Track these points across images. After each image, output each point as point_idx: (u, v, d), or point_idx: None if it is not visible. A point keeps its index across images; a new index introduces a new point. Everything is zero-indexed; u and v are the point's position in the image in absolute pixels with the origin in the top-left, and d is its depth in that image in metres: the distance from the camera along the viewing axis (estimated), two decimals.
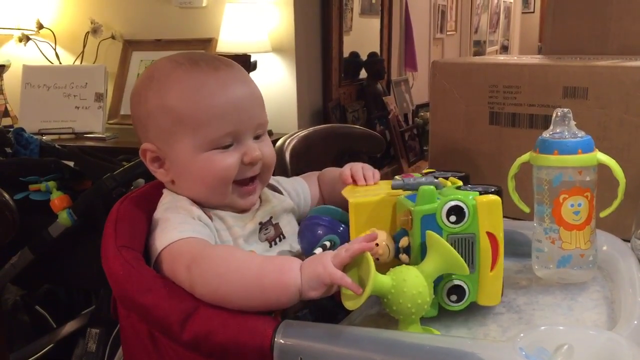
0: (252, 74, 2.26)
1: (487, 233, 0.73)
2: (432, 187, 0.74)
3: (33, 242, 1.43)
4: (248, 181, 0.83)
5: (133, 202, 0.85)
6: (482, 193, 0.75)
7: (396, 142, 3.17)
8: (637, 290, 0.76)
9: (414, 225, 0.74)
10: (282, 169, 1.27)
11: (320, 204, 0.93)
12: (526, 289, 0.85)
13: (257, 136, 0.83)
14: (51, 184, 1.40)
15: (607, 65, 1.11)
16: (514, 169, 0.90)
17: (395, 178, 0.83)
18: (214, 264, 0.71)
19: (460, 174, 0.87)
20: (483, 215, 0.73)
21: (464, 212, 0.73)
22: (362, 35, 3.26)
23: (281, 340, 0.65)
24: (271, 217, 0.86)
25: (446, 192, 0.76)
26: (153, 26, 2.60)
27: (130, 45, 2.63)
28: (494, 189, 0.79)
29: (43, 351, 1.65)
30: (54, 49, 2.66)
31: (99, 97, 2.38)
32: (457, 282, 0.74)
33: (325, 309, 0.78)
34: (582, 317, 0.77)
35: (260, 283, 0.69)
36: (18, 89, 2.44)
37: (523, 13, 7.11)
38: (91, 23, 2.60)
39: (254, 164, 0.82)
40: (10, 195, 1.35)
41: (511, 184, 0.90)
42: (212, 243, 0.78)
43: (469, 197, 0.73)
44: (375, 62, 3.27)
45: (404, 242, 0.75)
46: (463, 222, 0.73)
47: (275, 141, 1.07)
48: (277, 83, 2.49)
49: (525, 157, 0.88)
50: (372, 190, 0.85)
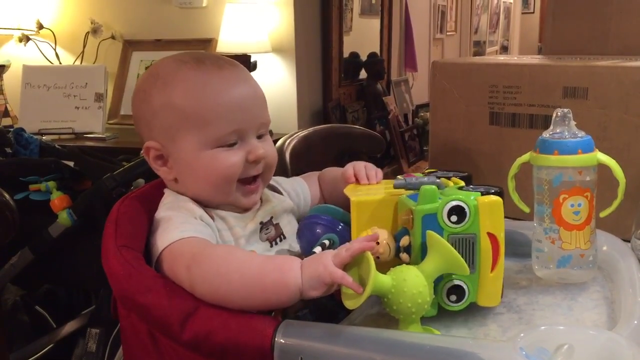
0: (252, 74, 2.26)
1: (488, 234, 0.73)
2: (434, 187, 0.74)
3: (33, 242, 1.43)
4: (251, 180, 0.84)
5: (133, 201, 0.85)
6: (483, 194, 0.75)
7: (396, 142, 3.18)
8: (637, 291, 0.76)
9: (415, 224, 0.74)
10: (282, 169, 1.27)
11: (320, 204, 0.93)
12: (526, 289, 0.85)
13: (259, 135, 0.84)
14: (51, 184, 1.41)
15: (607, 66, 1.11)
16: (514, 169, 0.90)
17: (398, 178, 0.83)
18: (215, 263, 0.71)
19: (463, 174, 0.87)
20: (484, 215, 0.73)
21: (465, 212, 0.73)
22: (362, 36, 3.26)
23: (281, 340, 0.65)
24: (272, 217, 0.86)
25: (448, 192, 0.76)
26: (153, 26, 2.60)
27: (130, 46, 2.63)
28: (495, 189, 0.79)
29: (43, 351, 1.65)
30: (54, 49, 2.66)
31: (99, 97, 2.39)
32: (457, 282, 0.74)
33: (325, 308, 0.78)
34: (582, 317, 0.77)
35: (260, 282, 0.69)
36: (18, 89, 2.44)
37: (523, 13, 7.11)
38: (91, 23, 2.60)
39: (258, 162, 0.83)
40: (11, 195, 1.34)
41: (511, 184, 0.90)
42: (213, 243, 0.78)
43: (471, 197, 0.73)
44: (375, 62, 3.27)
45: (404, 241, 0.76)
46: (464, 222, 0.73)
47: (276, 141, 1.06)
48: (277, 83, 2.49)
49: (525, 157, 0.88)
50: (374, 189, 0.85)
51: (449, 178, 0.84)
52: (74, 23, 2.67)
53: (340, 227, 0.82)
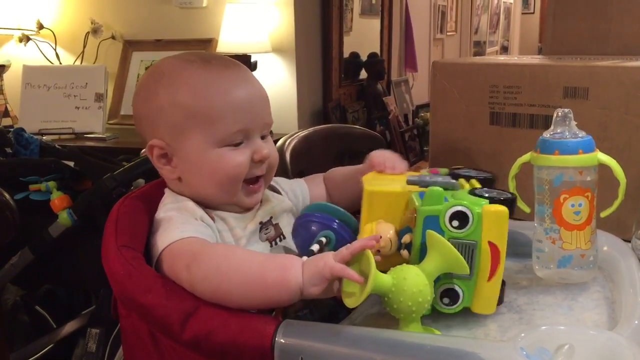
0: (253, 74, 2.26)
1: (489, 243, 0.72)
2: (440, 189, 0.74)
3: (33, 242, 1.43)
4: (254, 180, 0.84)
5: (134, 201, 0.85)
6: (494, 200, 0.74)
7: (396, 142, 3.18)
8: (637, 291, 0.76)
9: (416, 224, 0.74)
10: (282, 169, 1.27)
11: (315, 202, 0.93)
12: (527, 289, 0.85)
13: (262, 136, 0.84)
14: (51, 184, 1.41)
15: (608, 66, 1.11)
16: (514, 169, 0.90)
17: (422, 172, 0.83)
18: (215, 262, 0.71)
19: (487, 174, 0.86)
20: (488, 224, 0.72)
21: (468, 219, 0.72)
22: (362, 36, 3.26)
23: (282, 340, 0.65)
24: (271, 217, 0.86)
25: (458, 195, 0.76)
26: (153, 26, 2.60)
27: (130, 46, 2.63)
28: (507, 196, 0.77)
29: (43, 351, 1.65)
30: (54, 49, 2.66)
31: (99, 97, 2.39)
32: (452, 286, 0.74)
33: (325, 308, 0.78)
34: (582, 317, 0.77)
35: (261, 279, 0.69)
36: (18, 89, 2.44)
37: (523, 14, 7.12)
38: (91, 23, 2.60)
39: (263, 162, 0.83)
40: (11, 195, 1.34)
41: (512, 184, 0.90)
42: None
43: (477, 204, 0.73)
44: (376, 62, 3.27)
45: (406, 238, 0.76)
46: (466, 229, 0.72)
47: (276, 141, 1.07)
48: (277, 83, 2.49)
49: (525, 157, 0.88)
50: (392, 181, 0.84)
51: (468, 179, 0.83)
52: (74, 23, 2.67)
53: (336, 223, 0.81)
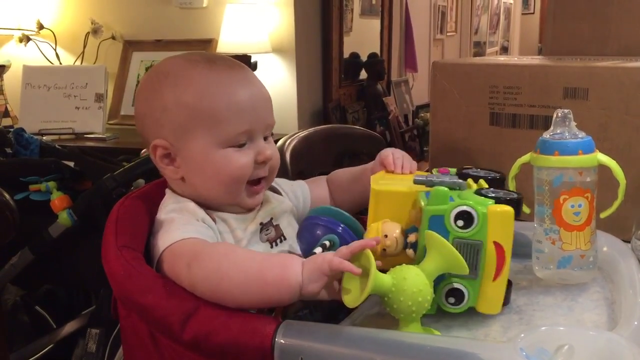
0: None
1: (495, 243, 0.72)
2: (445, 189, 0.74)
3: (33, 242, 1.43)
4: (257, 181, 0.84)
5: (134, 202, 0.85)
6: (500, 200, 0.74)
7: (396, 142, 3.18)
8: (637, 291, 0.76)
9: (422, 223, 0.74)
10: (282, 169, 1.27)
11: (321, 205, 0.93)
12: (526, 290, 0.85)
13: (264, 137, 0.84)
14: (51, 184, 1.40)
15: (608, 66, 1.11)
16: (514, 169, 0.90)
17: (433, 172, 0.83)
18: (215, 261, 0.71)
19: (496, 174, 0.86)
20: (493, 224, 0.72)
21: (473, 219, 0.72)
22: (362, 36, 3.26)
23: (282, 340, 0.65)
24: (271, 218, 0.86)
25: (464, 195, 0.76)
26: (153, 27, 2.60)
27: (130, 46, 2.63)
28: (513, 196, 0.77)
29: (43, 351, 1.65)
30: (54, 50, 2.66)
31: (99, 97, 2.39)
32: (457, 286, 0.74)
33: (325, 309, 0.78)
34: (582, 317, 0.77)
35: (261, 277, 0.69)
36: (18, 89, 2.44)
37: (523, 14, 7.12)
38: (91, 23, 2.60)
39: (266, 164, 0.83)
40: (11, 195, 1.34)
41: (512, 185, 0.90)
42: None
43: (483, 204, 0.73)
44: (376, 62, 3.27)
45: (412, 237, 0.76)
46: (471, 228, 0.72)
47: (276, 141, 1.07)
48: (277, 84, 2.49)
49: (525, 158, 0.88)
50: (400, 181, 0.84)
51: (476, 179, 0.83)
52: (74, 23, 2.67)
53: (341, 228, 0.82)
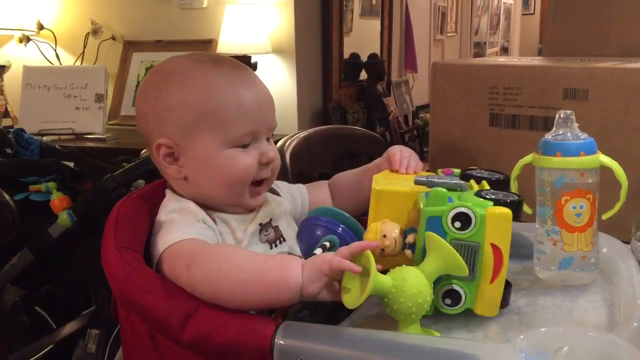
0: None
1: (492, 245, 0.72)
2: (444, 190, 0.74)
3: (33, 243, 1.43)
4: (260, 182, 0.84)
5: (134, 202, 0.85)
6: (499, 202, 0.74)
7: (396, 143, 3.17)
8: (636, 293, 0.76)
9: (420, 224, 0.74)
10: (282, 170, 1.27)
11: (321, 206, 0.93)
12: (526, 291, 0.85)
13: (267, 139, 0.85)
14: (51, 184, 1.41)
15: (608, 67, 1.11)
16: (516, 170, 0.90)
17: (438, 172, 0.83)
18: (215, 262, 0.71)
19: (500, 176, 0.85)
20: (491, 226, 0.72)
21: (471, 220, 0.72)
22: (363, 37, 3.26)
23: (281, 341, 0.65)
24: (271, 219, 0.86)
25: (464, 196, 0.75)
26: (153, 27, 2.60)
27: (130, 46, 2.63)
28: (514, 198, 0.76)
29: (43, 352, 1.65)
30: (55, 50, 2.66)
31: (99, 97, 2.39)
32: (454, 287, 0.74)
33: (325, 310, 0.78)
34: (582, 319, 0.77)
35: (262, 278, 0.69)
36: (18, 90, 2.44)
37: (523, 14, 7.12)
38: (91, 24, 2.60)
39: (269, 165, 0.84)
40: (11, 195, 1.35)
41: (514, 185, 0.90)
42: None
43: (481, 206, 0.72)
44: (376, 63, 3.27)
45: (410, 238, 0.76)
46: (468, 230, 0.72)
47: (276, 142, 1.07)
48: (277, 84, 2.49)
49: (527, 159, 0.87)
50: (403, 181, 0.84)
51: (479, 180, 0.83)
52: (74, 24, 2.67)
53: (341, 228, 0.82)
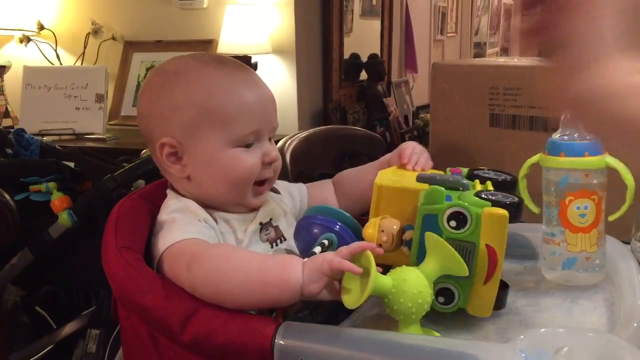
0: None
1: (487, 245, 0.72)
2: (441, 188, 0.74)
3: (33, 243, 1.43)
4: (262, 182, 0.84)
5: (134, 202, 0.85)
6: (498, 203, 0.73)
7: (396, 143, 3.17)
8: (637, 293, 0.76)
9: (416, 222, 0.74)
10: (282, 170, 1.27)
11: (318, 205, 0.93)
12: (526, 291, 0.85)
13: (268, 139, 0.85)
14: (52, 184, 1.41)
15: None
16: (524, 169, 0.89)
17: (446, 171, 0.83)
18: (215, 262, 0.71)
19: (506, 177, 0.85)
20: (486, 227, 0.72)
21: (467, 220, 0.72)
22: (363, 37, 3.26)
23: (281, 342, 0.65)
24: (271, 219, 0.87)
25: (463, 195, 0.75)
26: (154, 27, 2.60)
27: (131, 47, 2.63)
28: (514, 200, 0.76)
29: (43, 352, 1.65)
30: (55, 50, 2.66)
31: (100, 98, 2.38)
32: (447, 286, 0.73)
33: (325, 310, 0.78)
34: (582, 319, 0.77)
35: (262, 278, 0.69)
36: (19, 90, 2.44)
37: (523, 15, 7.11)
38: (92, 24, 2.60)
39: (272, 164, 0.84)
40: (11, 196, 1.35)
41: (522, 184, 0.89)
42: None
43: (478, 206, 0.72)
44: (376, 63, 3.27)
45: (407, 235, 0.76)
46: (464, 230, 0.72)
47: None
48: (277, 84, 2.49)
49: (535, 159, 0.87)
50: (408, 178, 0.83)
51: (484, 180, 0.83)
52: (74, 24, 2.67)
53: (338, 226, 0.82)
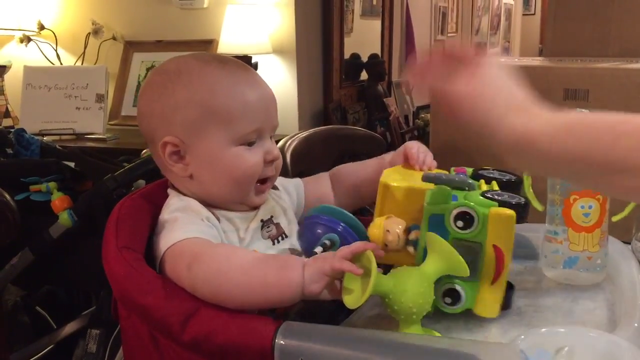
0: None
1: (494, 246, 0.72)
2: (447, 188, 0.74)
3: (34, 243, 1.43)
4: (264, 180, 0.85)
5: (135, 202, 0.85)
6: (504, 203, 0.73)
7: (397, 143, 3.18)
8: (637, 293, 0.76)
9: (422, 221, 0.74)
10: (283, 169, 1.28)
11: (331, 201, 0.93)
12: (527, 291, 0.85)
13: (269, 137, 0.85)
14: (52, 184, 1.41)
15: (608, 68, 1.11)
16: None
17: (450, 170, 0.84)
18: (216, 262, 0.71)
19: (511, 176, 0.85)
20: (493, 227, 0.72)
21: (473, 220, 0.72)
22: (363, 37, 3.26)
23: (282, 342, 0.65)
24: (272, 216, 0.87)
25: (469, 195, 0.75)
26: (154, 27, 2.60)
27: (131, 47, 2.63)
28: (520, 200, 0.75)
29: (43, 352, 1.65)
30: (55, 50, 2.66)
31: (100, 98, 2.39)
32: (454, 287, 0.73)
33: (326, 310, 0.78)
34: (582, 319, 0.77)
35: (263, 278, 0.69)
36: (19, 90, 2.44)
37: (524, 15, 7.11)
38: (92, 24, 2.60)
39: (273, 163, 0.84)
40: (11, 195, 1.35)
41: (527, 182, 0.89)
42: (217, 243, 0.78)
43: (485, 206, 0.72)
44: (376, 63, 3.27)
45: (413, 235, 0.76)
46: (471, 230, 0.72)
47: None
48: (277, 84, 2.49)
49: None
50: (413, 177, 0.83)
51: (490, 180, 0.82)
52: (75, 24, 2.67)
53: (341, 227, 0.82)
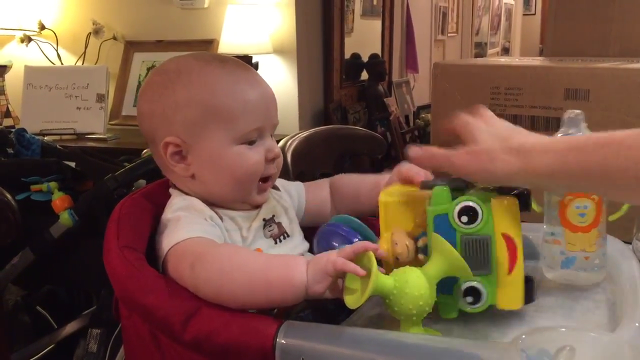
0: None
1: (504, 235, 0.72)
2: (445, 188, 0.73)
3: (34, 243, 1.43)
4: (266, 178, 0.85)
5: (136, 201, 0.85)
6: (503, 190, 0.73)
7: (397, 143, 3.17)
8: (638, 293, 0.76)
9: (428, 225, 0.74)
10: (283, 169, 1.28)
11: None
12: None
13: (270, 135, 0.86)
14: (53, 184, 1.41)
15: (609, 67, 1.11)
16: None
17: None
18: (219, 262, 0.71)
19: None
20: (499, 216, 0.71)
21: (477, 213, 0.71)
22: (364, 37, 3.26)
23: (283, 341, 0.65)
24: (273, 215, 0.87)
25: (468, 193, 0.75)
26: (155, 27, 2.60)
27: (131, 46, 2.63)
28: (519, 190, 0.75)
29: (44, 352, 1.65)
30: (56, 50, 2.66)
31: (101, 97, 2.39)
32: (473, 284, 0.72)
33: (326, 310, 0.78)
34: (583, 319, 0.77)
35: (265, 277, 0.69)
36: (20, 90, 2.44)
37: (524, 15, 7.12)
38: (93, 24, 2.60)
39: (274, 161, 0.85)
40: (12, 195, 1.35)
41: None
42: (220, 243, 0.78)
43: (486, 197, 0.72)
44: (377, 63, 3.27)
45: (422, 242, 0.76)
46: (477, 223, 0.71)
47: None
48: (278, 84, 2.49)
49: None
50: (413, 190, 0.82)
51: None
52: (75, 24, 2.67)
53: (357, 239, 0.82)
